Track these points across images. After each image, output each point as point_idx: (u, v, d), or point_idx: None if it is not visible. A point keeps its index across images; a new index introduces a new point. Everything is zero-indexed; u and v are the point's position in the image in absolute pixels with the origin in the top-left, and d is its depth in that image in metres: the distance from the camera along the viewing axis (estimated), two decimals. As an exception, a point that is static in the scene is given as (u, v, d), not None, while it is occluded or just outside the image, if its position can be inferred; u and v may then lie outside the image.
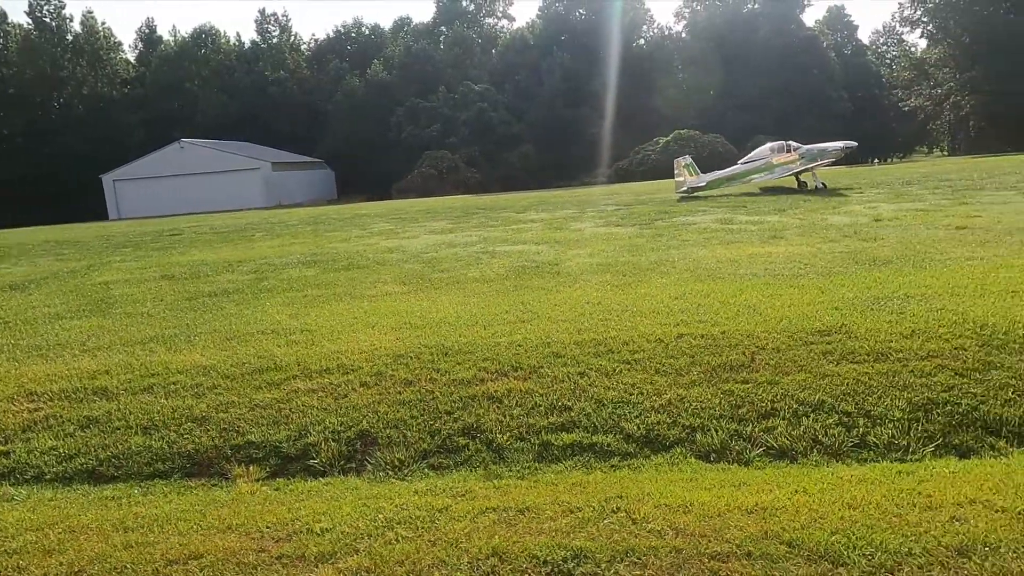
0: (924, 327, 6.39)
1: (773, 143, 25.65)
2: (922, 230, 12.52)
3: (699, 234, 14.22)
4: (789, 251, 11.23)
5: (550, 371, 6.12)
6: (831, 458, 4.80)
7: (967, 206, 15.57)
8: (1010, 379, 5.43)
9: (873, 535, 3.21)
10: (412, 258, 13.52)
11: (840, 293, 7.91)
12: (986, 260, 9.37)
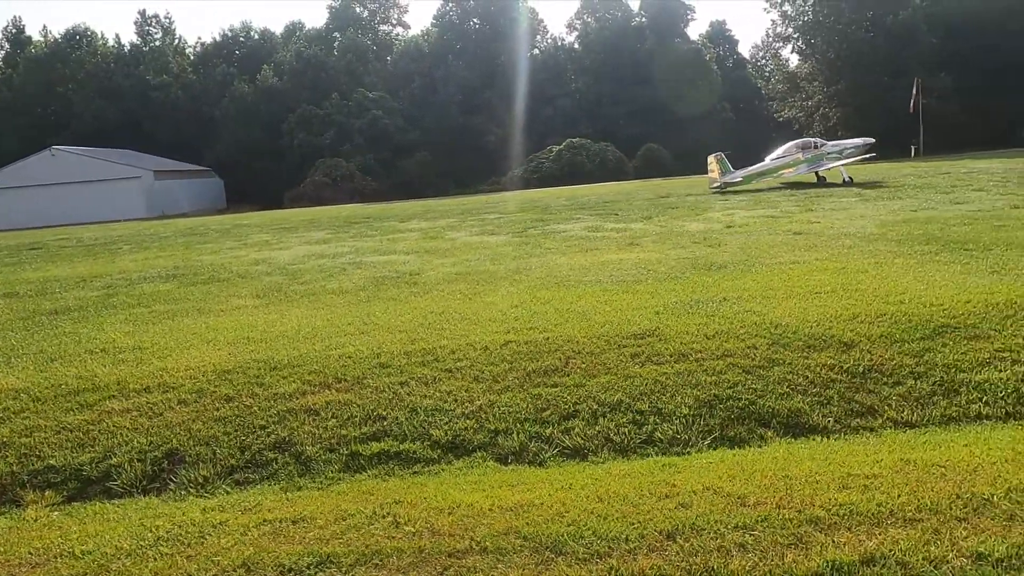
0: (727, 328, 6.90)
1: (799, 140, 27.58)
2: (764, 236, 13.40)
3: (564, 242, 14.68)
4: (640, 257, 11.78)
5: (373, 382, 6.24)
6: (618, 454, 5.14)
7: (811, 212, 16.74)
8: (788, 374, 5.95)
9: (602, 524, 3.50)
10: (277, 270, 13.33)
11: (667, 297, 8.40)
12: (806, 263, 10.15)
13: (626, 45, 73.07)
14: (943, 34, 54.69)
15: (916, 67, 52.48)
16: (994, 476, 3.73)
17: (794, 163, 26.05)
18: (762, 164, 27.41)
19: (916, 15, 53.96)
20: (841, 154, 25.87)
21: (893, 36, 53.36)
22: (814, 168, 25.56)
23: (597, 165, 57.91)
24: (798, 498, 3.61)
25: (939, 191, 19.26)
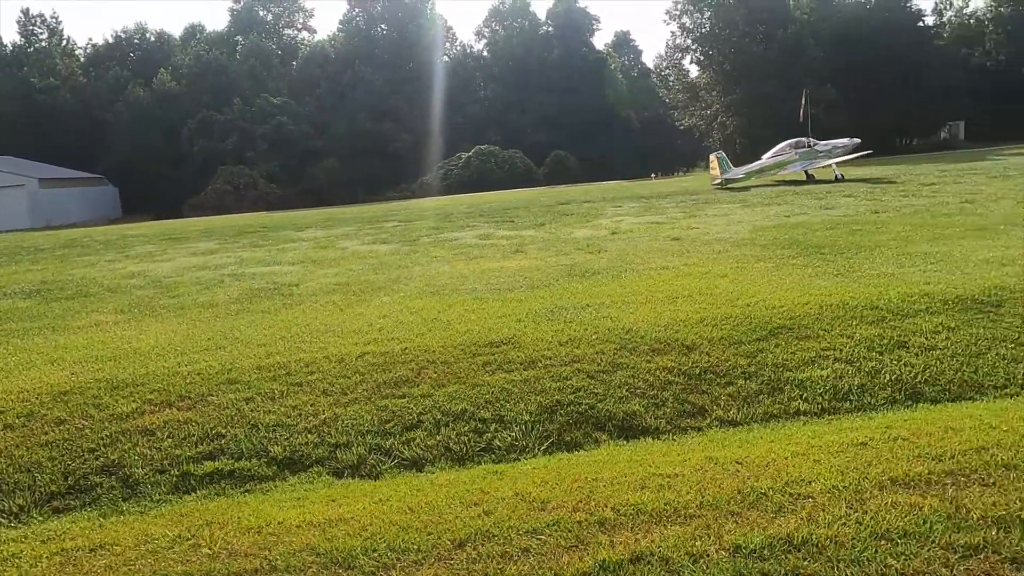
0: (581, 334, 7.08)
1: (793, 140, 29.11)
2: (644, 241, 13.82)
3: (452, 250, 14.72)
4: (521, 265, 11.94)
5: (217, 399, 6.09)
6: (455, 463, 5.19)
7: (694, 218, 17.39)
8: (630, 378, 6.16)
9: (400, 536, 3.53)
10: (151, 284, 12.82)
11: (533, 305, 8.54)
12: (674, 269, 10.52)
13: (534, 53, 74.03)
14: (828, 47, 57.81)
15: (805, 78, 55.19)
16: (779, 470, 3.97)
17: (789, 161, 27.73)
18: (760, 162, 29.04)
19: (803, 29, 56.90)
20: (831, 153, 27.48)
21: (783, 49, 56.08)
22: (807, 165, 27.00)
23: (506, 172, 58.35)
24: (597, 500, 3.75)
25: (814, 197, 20.33)
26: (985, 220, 13.09)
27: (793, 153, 27.98)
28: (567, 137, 68.85)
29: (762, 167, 28.70)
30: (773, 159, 28.69)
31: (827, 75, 56.55)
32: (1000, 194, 17.11)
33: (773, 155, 29.00)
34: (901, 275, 8.85)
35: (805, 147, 28.06)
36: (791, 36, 56.13)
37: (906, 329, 6.81)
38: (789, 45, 56.11)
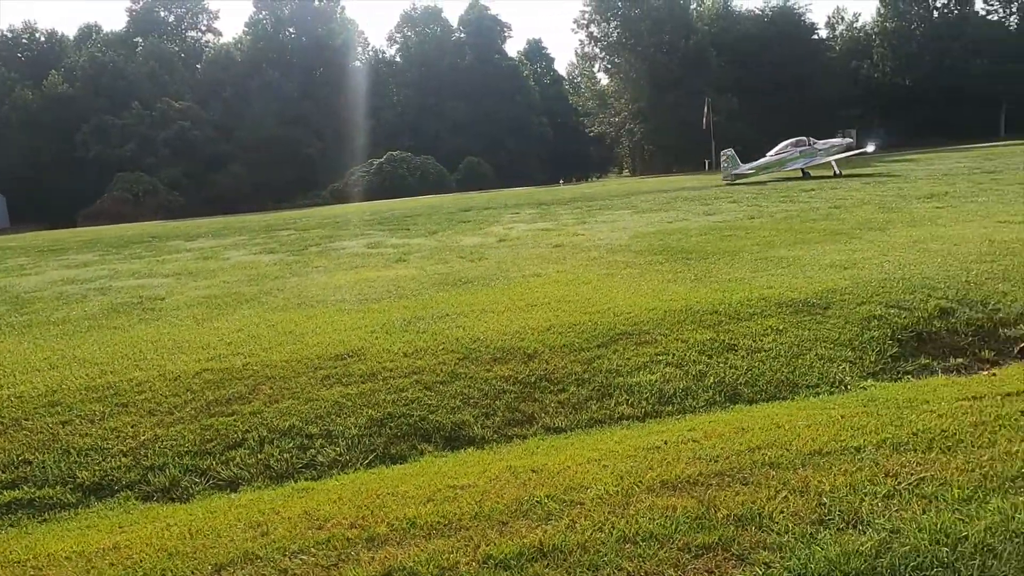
0: (430, 345, 7.09)
1: (794, 139, 30.70)
2: (527, 249, 13.98)
3: (337, 260, 14.53)
4: (397, 274, 11.88)
5: (33, 423, 5.80)
6: (273, 482, 5.10)
7: (583, 225, 17.72)
8: (466, 388, 6.20)
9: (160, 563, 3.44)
10: (6, 300, 12.12)
11: (393, 315, 8.50)
12: (546, 276, 10.68)
13: (446, 60, 74.15)
14: (729, 58, 60.23)
15: (708, 87, 57.40)
16: (567, 478, 4.07)
17: (790, 158, 29.47)
18: (765, 159, 30.67)
19: (704, 40, 59.06)
20: (829, 151, 29.08)
21: (686, 59, 58.09)
22: (809, 163, 28.74)
23: (419, 178, 58.11)
24: (378, 515, 3.75)
25: (701, 203, 21.07)
26: (844, 225, 13.83)
27: (795, 151, 29.65)
28: (481, 143, 69.20)
29: (767, 164, 30.30)
30: (776, 156, 30.34)
31: (728, 84, 58.94)
32: (866, 199, 18.13)
33: (776, 153, 30.63)
34: (750, 279, 9.24)
35: (805, 146, 29.75)
36: (694, 47, 58.18)
37: (738, 332, 7.12)
38: (692, 55, 58.13)
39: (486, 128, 70.33)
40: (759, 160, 31.12)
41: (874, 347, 6.83)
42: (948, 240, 11.06)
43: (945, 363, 6.72)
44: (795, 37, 63.23)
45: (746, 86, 59.05)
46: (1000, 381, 5.35)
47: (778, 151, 30.70)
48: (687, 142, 58.05)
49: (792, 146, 30.24)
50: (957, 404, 4.75)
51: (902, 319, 7.30)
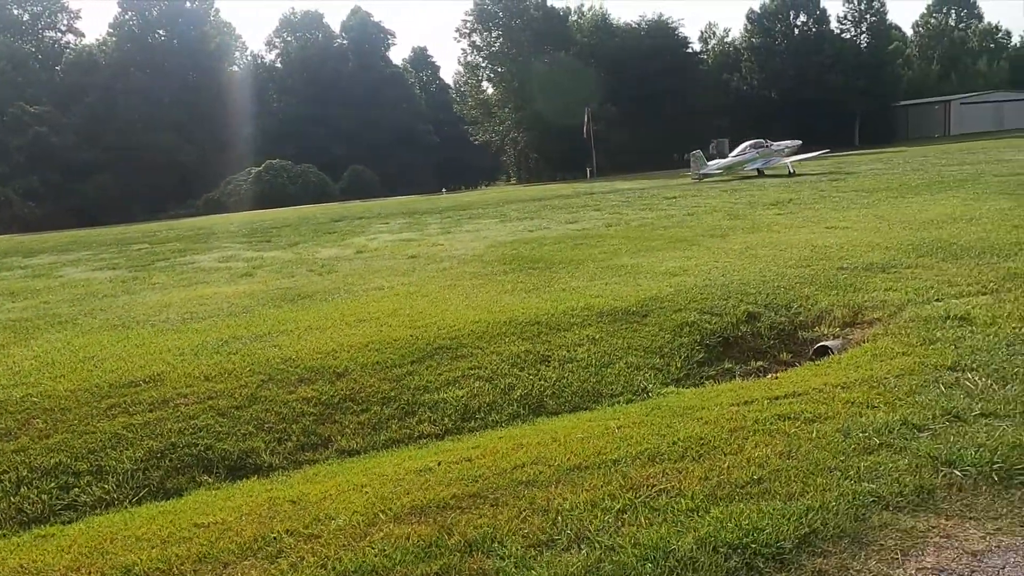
0: (236, 367, 6.73)
1: (752, 141, 33.01)
2: (381, 261, 13.72)
3: (180, 275, 13.78)
4: (237, 291, 11.35)
5: None
6: (24, 527, 4.65)
7: (448, 235, 17.63)
8: (263, 412, 5.91)
9: None
10: None
11: (210, 335, 8.06)
12: (388, 290, 10.46)
13: (328, 66, 72.53)
14: (608, 69, 61.89)
15: (588, 97, 58.80)
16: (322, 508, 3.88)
17: (750, 159, 31.66)
18: (728, 160, 33.06)
19: (584, 51, 60.48)
20: (782, 152, 31.73)
21: (567, 69, 59.27)
22: (766, 163, 31.07)
23: (299, 187, 56.47)
24: (94, 564, 3.45)
25: (568, 211, 21.44)
26: (691, 232, 14.35)
27: (753, 152, 31.94)
28: (368, 151, 68.07)
29: (731, 164, 32.39)
30: (738, 157, 32.42)
31: (608, 94, 60.51)
32: (719, 207, 18.95)
33: (738, 154, 32.80)
34: (584, 289, 9.37)
35: (763, 147, 32.13)
36: (573, 57, 59.47)
37: (555, 343, 7.16)
38: (572, 65, 59.40)
39: (372, 136, 69.24)
40: (723, 160, 33.54)
41: (682, 353, 7.03)
42: (776, 246, 11.64)
43: (746, 367, 6.99)
44: (670, 49, 65.72)
45: (624, 96, 60.84)
46: (776, 384, 5.57)
47: (739, 152, 32.89)
48: (569, 150, 59.22)
49: (751, 148, 32.44)
50: (728, 409, 4.89)
51: (712, 325, 7.56)
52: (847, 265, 9.54)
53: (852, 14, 69.94)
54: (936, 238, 11.08)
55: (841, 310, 7.54)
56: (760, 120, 69.42)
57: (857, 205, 16.90)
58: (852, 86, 64.81)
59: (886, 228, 12.70)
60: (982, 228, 11.87)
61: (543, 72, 58.79)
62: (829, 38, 69.21)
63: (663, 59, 62.75)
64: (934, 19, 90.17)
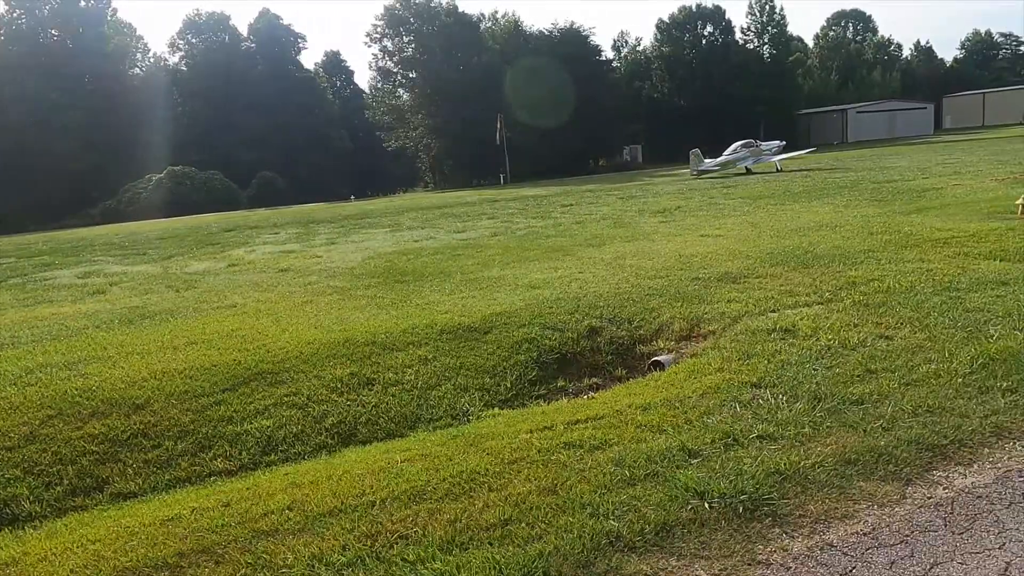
0: (25, 401, 6.13)
1: (743, 141, 36.09)
2: (248, 275, 13.11)
3: (27, 294, 12.83)
4: (79, 310, 10.58)
5: None
6: None
7: (333, 245, 17.09)
8: (36, 453, 5.36)
9: None
10: None
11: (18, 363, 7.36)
12: (240, 307, 9.92)
13: (236, 69, 70.29)
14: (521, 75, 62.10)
15: (501, 103, 58.91)
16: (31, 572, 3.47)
17: (741, 158, 34.14)
18: (723, 158, 35.14)
19: (495, 58, 60.54)
20: (771, 151, 34.67)
21: (479, 75, 59.22)
22: (757, 160, 33.90)
23: (204, 195, 54.42)
24: None
25: (462, 219, 21.19)
26: (571, 241, 14.30)
27: (744, 152, 34.59)
28: (278, 157, 66.27)
29: (724, 161, 34.91)
30: (731, 156, 34.92)
31: (521, 100, 60.76)
32: (609, 215, 19.08)
33: (731, 152, 35.26)
34: (438, 303, 9.09)
35: (753, 147, 35.09)
36: (486, 63, 59.44)
37: (385, 365, 6.85)
38: (484, 72, 59.38)
39: (283, 142, 67.41)
40: (718, 158, 35.71)
41: (515, 372, 6.83)
42: (645, 256, 11.66)
43: (579, 384, 6.85)
44: (583, 57, 66.56)
45: (538, 102, 61.13)
46: (583, 407, 5.41)
47: (732, 151, 35.35)
48: (483, 156, 59.17)
49: (742, 147, 35.11)
50: (521, 438, 4.69)
51: (553, 340, 7.40)
52: (703, 275, 9.59)
53: (755, 25, 72.55)
54: (796, 246, 11.33)
55: (680, 323, 7.51)
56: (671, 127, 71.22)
57: (738, 212, 17.27)
58: (756, 94, 67.11)
59: (755, 236, 12.94)
60: (841, 236, 12.23)
61: (456, 78, 58.53)
62: (734, 48, 71.54)
63: (576, 66, 63.38)
64: (833, 32, 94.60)
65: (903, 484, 3.62)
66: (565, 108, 62.22)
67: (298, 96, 70.76)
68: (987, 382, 4.83)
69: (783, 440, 4.16)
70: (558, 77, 61.90)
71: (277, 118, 68.67)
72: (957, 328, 6.17)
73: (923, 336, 6.05)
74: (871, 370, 5.29)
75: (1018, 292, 7.30)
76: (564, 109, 62.17)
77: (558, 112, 62.24)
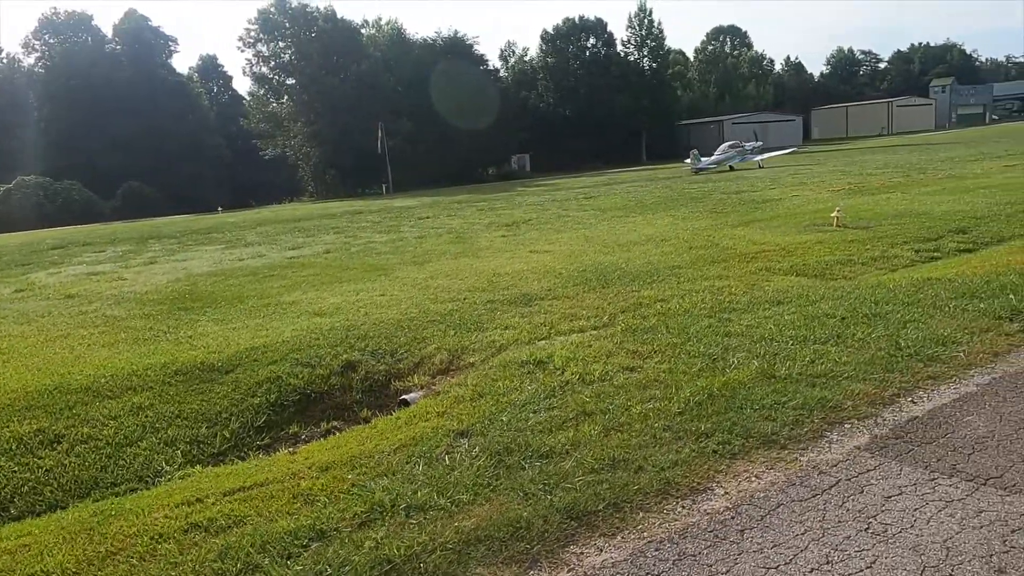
0: None
1: (731, 142, 43.24)
2: (28, 303, 11.79)
3: None
4: None
5: None
6: None
7: (151, 266, 15.79)
8: None
9: None
10: None
11: None
12: None
13: (100, 72, 65.90)
14: (405, 83, 61.23)
15: (382, 112, 57.75)
16: None
17: (729, 157, 39.11)
18: (715, 157, 40.07)
19: (376, 66, 59.35)
20: (754, 151, 39.63)
21: (359, 83, 57.83)
22: (743, 159, 38.83)
23: (59, 207, 50.66)
24: None
25: (308, 235, 20.19)
26: (399, 259, 13.66)
27: (732, 152, 39.93)
28: (149, 166, 62.52)
29: (718, 160, 39.69)
30: (722, 156, 39.76)
31: (404, 108, 59.81)
32: (456, 228, 18.60)
33: (721, 152, 40.34)
34: (203, 336, 8.24)
35: (739, 147, 40.39)
36: (366, 71, 58.13)
37: (84, 417, 5.96)
38: (365, 79, 58.05)
39: (154, 150, 63.62)
40: (712, 157, 40.29)
41: (241, 419, 6.10)
42: (458, 275, 11.16)
43: (316, 428, 6.19)
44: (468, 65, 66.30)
45: (422, 110, 60.40)
46: (257, 470, 4.72)
47: (722, 151, 40.44)
48: (366, 166, 57.81)
49: (730, 148, 40.60)
50: (151, 517, 3.96)
51: (299, 379, 6.70)
52: (501, 297, 9.15)
53: (635, 38, 74.41)
54: (611, 263, 11.11)
55: (443, 355, 6.97)
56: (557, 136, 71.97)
57: (582, 226, 17.12)
58: (638, 105, 68.79)
59: (580, 252, 12.69)
60: (661, 251, 12.13)
61: (335, 85, 56.91)
62: (616, 60, 73.10)
63: (462, 75, 63.04)
64: (712, 46, 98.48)
65: (526, 567, 3.13)
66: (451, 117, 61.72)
67: (170, 101, 67.09)
68: (689, 424, 4.48)
69: (432, 511, 3.62)
70: (443, 85, 61.34)
71: (147, 125, 64.82)
72: (703, 357, 5.88)
73: (665, 367, 5.72)
74: (586, 412, 4.87)
75: (785, 313, 7.16)
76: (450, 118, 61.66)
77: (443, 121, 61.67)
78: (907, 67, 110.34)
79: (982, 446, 4.04)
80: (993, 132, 58.70)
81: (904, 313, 6.62)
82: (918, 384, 5.00)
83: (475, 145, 64.59)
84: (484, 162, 71.61)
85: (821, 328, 6.40)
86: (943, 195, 17.23)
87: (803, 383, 5.06)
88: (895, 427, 4.36)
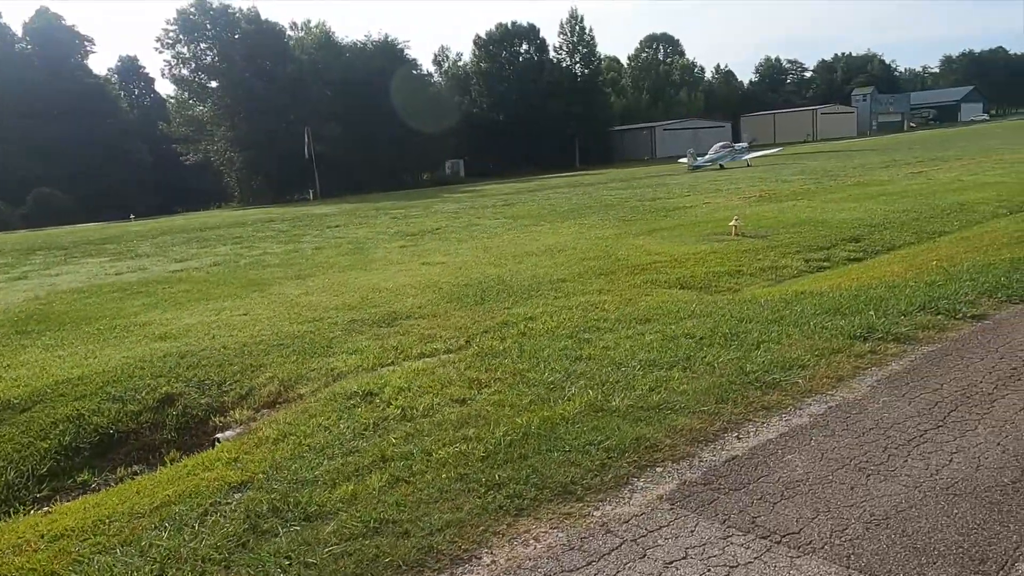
0: None
1: (722, 142, 46.27)
2: None
3: None
4: None
5: None
6: None
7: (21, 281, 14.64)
8: None
9: None
10: None
11: None
12: None
13: (10, 73, 62.49)
14: (334, 87, 59.84)
15: (310, 116, 56.37)
16: None
17: (721, 156, 41.63)
18: (710, 156, 42.35)
19: (304, 69, 57.90)
20: (743, 151, 42.04)
21: (286, 87, 56.27)
22: (733, 158, 41.25)
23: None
24: None
25: (204, 244, 19.20)
26: (282, 273, 12.94)
27: (724, 151, 42.36)
28: (64, 171, 59.58)
29: (713, 158, 41.82)
30: (716, 155, 41.93)
31: (333, 113, 58.42)
32: (358, 238, 17.93)
33: (715, 151, 42.56)
34: (23, 365, 7.45)
35: (729, 147, 43.25)
36: (293, 75, 56.65)
37: None
38: (292, 83, 56.56)
39: (70, 154, 60.65)
40: (707, 156, 42.61)
41: (19, 467, 5.38)
42: (335, 291, 10.53)
43: (112, 474, 5.50)
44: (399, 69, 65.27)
45: (352, 115, 59.08)
46: (10, 528, 4.06)
47: (715, 151, 42.70)
48: (293, 171, 56.33)
49: (722, 147, 43.12)
50: None
51: (106, 417, 6.00)
52: (369, 316, 8.57)
53: (567, 44, 74.65)
54: (497, 276, 10.65)
55: (274, 385, 6.36)
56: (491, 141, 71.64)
57: (487, 235, 16.65)
58: (570, 111, 68.95)
59: (473, 264, 12.20)
60: (554, 262, 11.72)
61: (261, 88, 55.23)
62: (549, 66, 73.19)
63: (392, 79, 61.98)
64: (646, 54, 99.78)
65: None
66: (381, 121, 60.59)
67: (86, 104, 64.13)
68: (487, 472, 3.99)
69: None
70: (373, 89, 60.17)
71: (64, 128, 61.83)
72: (541, 386, 5.42)
73: (496, 399, 5.23)
74: (385, 458, 4.33)
75: (648, 333, 6.76)
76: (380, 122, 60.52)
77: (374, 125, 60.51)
78: (831, 76, 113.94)
79: (792, 492, 3.66)
80: (908, 139, 60.86)
81: (762, 333, 6.30)
82: (749, 416, 4.63)
83: (407, 150, 63.58)
84: (417, 167, 70.69)
85: (675, 350, 6.02)
86: (847, 202, 17.38)
87: (629, 418, 4.64)
88: (708, 470, 3.95)
